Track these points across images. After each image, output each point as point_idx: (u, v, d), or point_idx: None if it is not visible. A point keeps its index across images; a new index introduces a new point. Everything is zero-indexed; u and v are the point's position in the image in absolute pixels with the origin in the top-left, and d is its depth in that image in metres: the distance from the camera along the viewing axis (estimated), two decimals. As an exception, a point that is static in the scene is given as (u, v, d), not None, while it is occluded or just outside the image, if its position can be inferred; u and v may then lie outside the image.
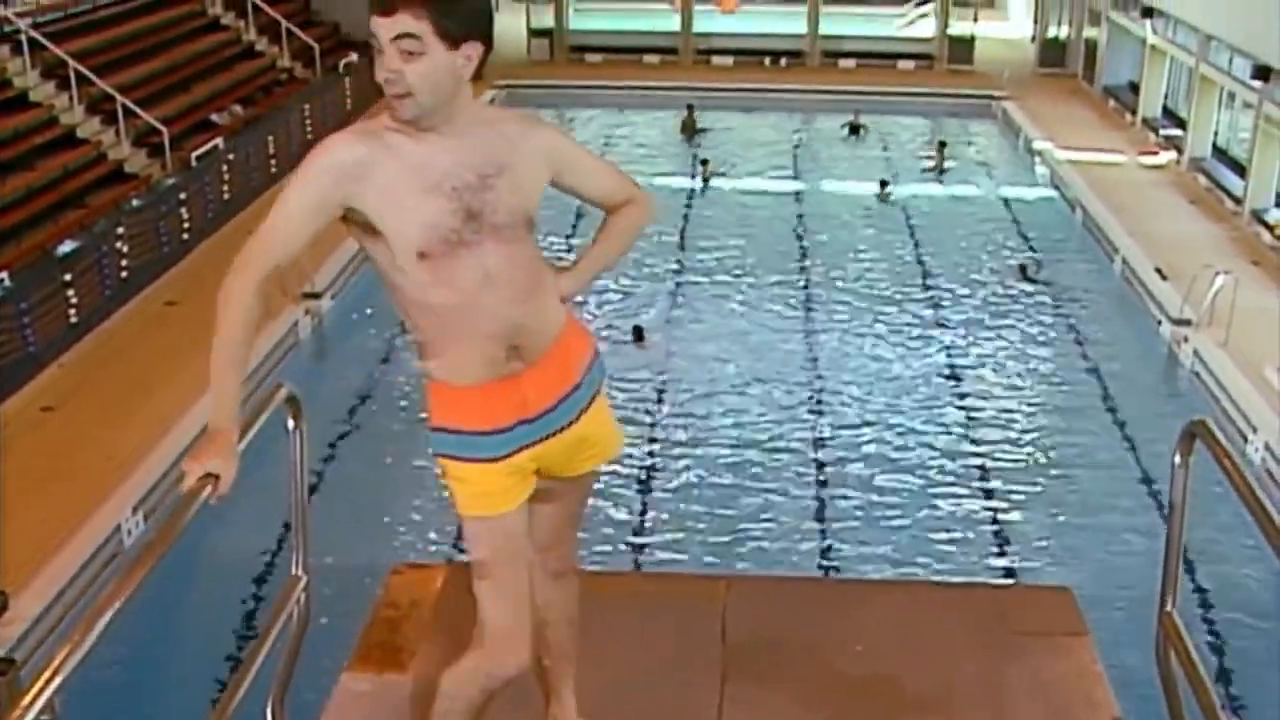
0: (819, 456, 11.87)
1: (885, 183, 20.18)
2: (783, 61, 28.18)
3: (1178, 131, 21.44)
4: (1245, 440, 11.42)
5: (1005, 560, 10.27)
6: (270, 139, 18.71)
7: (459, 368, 2.95)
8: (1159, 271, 15.23)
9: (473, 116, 2.89)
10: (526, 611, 3.09)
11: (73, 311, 12.95)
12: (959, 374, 13.77)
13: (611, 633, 3.95)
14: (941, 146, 21.84)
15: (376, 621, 4.12)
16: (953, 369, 13.88)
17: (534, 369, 2.97)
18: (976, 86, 26.27)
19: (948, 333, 14.83)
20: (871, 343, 14.52)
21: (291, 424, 3.20)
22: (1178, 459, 3.16)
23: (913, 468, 11.59)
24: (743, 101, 25.62)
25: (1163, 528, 3.40)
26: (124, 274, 14.11)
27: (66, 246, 13.53)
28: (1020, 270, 16.57)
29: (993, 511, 10.94)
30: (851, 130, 23.82)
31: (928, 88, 26.29)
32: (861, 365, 13.92)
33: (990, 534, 10.61)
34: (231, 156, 17.45)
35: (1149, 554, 7.92)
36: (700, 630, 4.10)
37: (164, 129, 17.46)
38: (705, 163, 21.13)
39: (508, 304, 2.90)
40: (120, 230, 14.20)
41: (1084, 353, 14.26)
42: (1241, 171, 18.53)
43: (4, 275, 12.34)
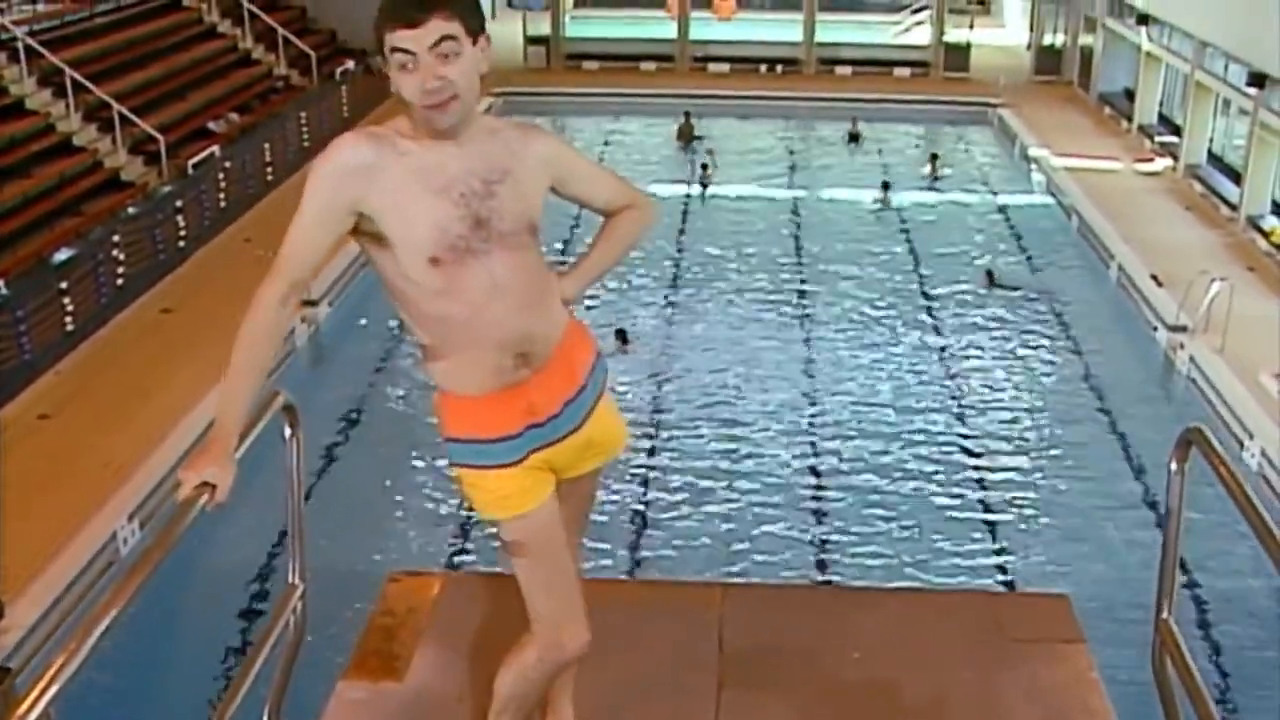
0: (814, 463, 11.91)
1: (887, 185, 20.28)
2: (779, 69, 28.22)
3: (1173, 138, 21.47)
4: (1241, 447, 11.43)
5: (1001, 563, 10.28)
6: (267, 147, 18.69)
7: (466, 377, 2.96)
8: (1155, 278, 15.24)
9: (477, 124, 2.92)
10: (578, 593, 3.13)
11: (69, 319, 12.95)
12: (954, 380, 13.77)
13: (608, 640, 3.94)
14: (934, 158, 21.89)
15: (373, 629, 4.11)
16: (948, 375, 13.89)
17: (539, 374, 2.99)
18: (972, 94, 26.32)
19: (942, 339, 14.84)
20: (866, 349, 14.51)
21: (288, 432, 3.20)
22: (1174, 466, 3.16)
23: (908, 475, 11.58)
24: (739, 109, 25.67)
25: (1159, 535, 3.40)
26: (120, 282, 14.11)
27: (63, 254, 13.54)
28: (987, 276, 16.56)
29: (988, 518, 10.94)
30: (851, 138, 23.86)
31: (924, 95, 26.33)
32: (856, 373, 13.91)
33: (986, 541, 10.61)
34: (228, 164, 17.45)
35: (1145, 561, 7.93)
36: (697, 638, 4.09)
37: (160, 137, 17.46)
38: (705, 168, 21.16)
39: (515, 313, 2.91)
40: (116, 238, 14.20)
41: (1080, 359, 14.27)
42: (1237, 178, 18.57)
43: (0, 283, 12.34)
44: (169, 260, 15.34)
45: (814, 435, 12.43)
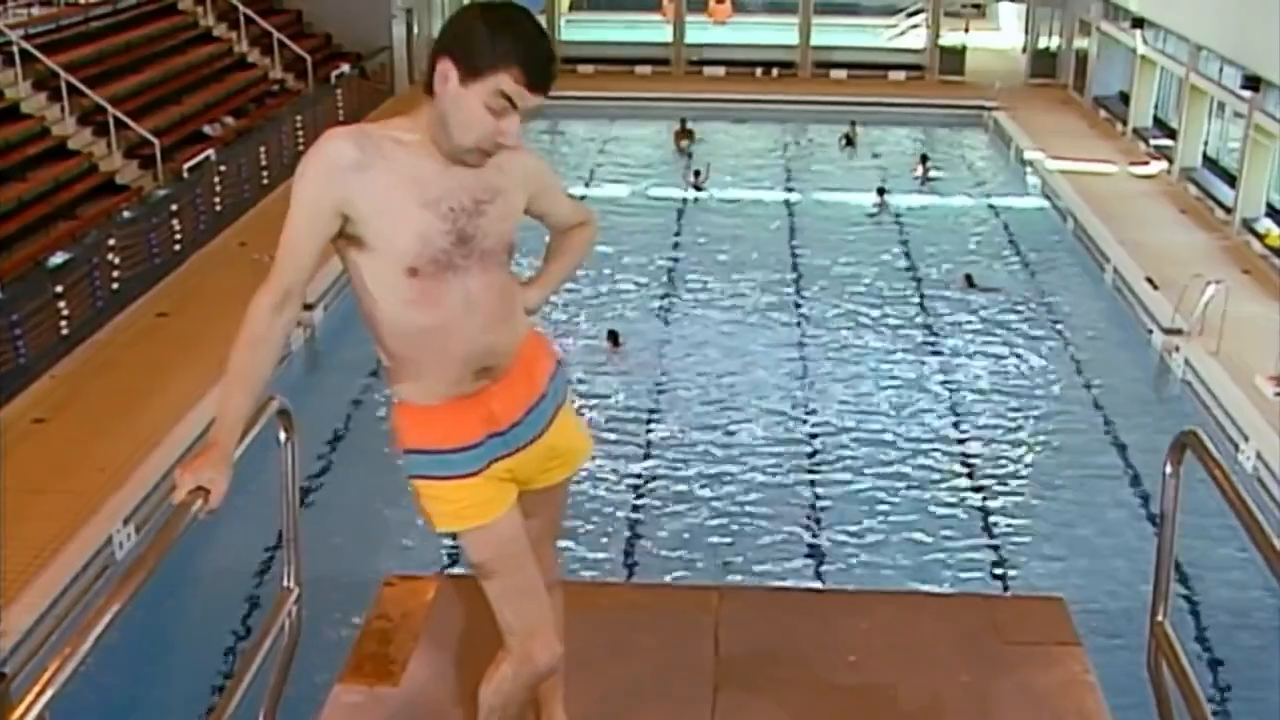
0: (809, 462, 11.92)
1: (883, 190, 20.29)
2: (774, 72, 28.25)
3: (1168, 141, 21.52)
4: (1237, 449, 11.44)
5: (996, 564, 10.28)
6: (262, 150, 18.70)
7: (427, 388, 2.96)
8: (1150, 281, 15.27)
9: None
10: (546, 604, 3.12)
11: (64, 323, 12.93)
12: (950, 383, 13.78)
13: (603, 644, 3.95)
14: (924, 160, 21.92)
15: (368, 633, 4.10)
16: (944, 378, 13.90)
17: (499, 384, 2.98)
18: (967, 97, 26.38)
19: (938, 340, 14.84)
20: (861, 352, 14.52)
21: (283, 436, 3.19)
22: (1169, 468, 3.16)
23: (902, 476, 11.59)
24: (735, 112, 25.68)
25: (1154, 538, 3.40)
26: (115, 285, 14.09)
27: (58, 258, 13.51)
28: (966, 280, 16.57)
29: (984, 520, 10.95)
30: (847, 142, 23.88)
31: (919, 98, 26.37)
32: (851, 374, 13.92)
33: (982, 543, 10.61)
34: (223, 168, 17.44)
35: (1140, 564, 7.94)
36: (692, 641, 4.09)
37: (155, 140, 17.45)
38: (698, 173, 21.18)
39: (481, 329, 2.90)
40: (111, 242, 14.19)
41: (1075, 362, 14.29)
42: (1232, 181, 18.61)
43: (-5, 287, 12.35)
44: (164, 264, 15.33)
45: (809, 438, 12.44)
